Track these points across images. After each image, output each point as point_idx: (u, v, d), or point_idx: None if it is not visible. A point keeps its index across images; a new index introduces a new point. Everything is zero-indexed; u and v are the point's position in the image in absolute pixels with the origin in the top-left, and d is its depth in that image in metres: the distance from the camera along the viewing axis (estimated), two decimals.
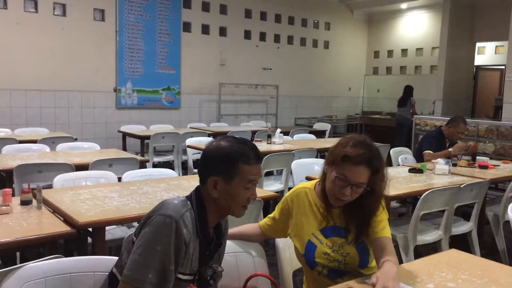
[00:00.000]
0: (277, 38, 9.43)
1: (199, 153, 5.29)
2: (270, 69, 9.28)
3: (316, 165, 3.94)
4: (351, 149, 1.62)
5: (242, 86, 8.74)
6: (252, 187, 1.47)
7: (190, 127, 6.98)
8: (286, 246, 1.93)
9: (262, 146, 5.25)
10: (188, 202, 1.45)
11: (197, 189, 1.49)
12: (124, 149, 6.07)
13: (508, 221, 2.93)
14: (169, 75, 7.94)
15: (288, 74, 9.56)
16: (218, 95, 8.45)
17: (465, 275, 1.65)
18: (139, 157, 4.00)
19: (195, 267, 1.45)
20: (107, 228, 2.31)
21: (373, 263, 1.76)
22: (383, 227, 1.70)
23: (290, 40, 9.65)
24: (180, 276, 1.40)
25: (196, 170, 5.06)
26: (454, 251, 1.99)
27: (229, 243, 1.82)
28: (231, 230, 1.90)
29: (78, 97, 7.11)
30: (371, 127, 9.89)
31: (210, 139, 5.81)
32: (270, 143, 5.35)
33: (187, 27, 8.14)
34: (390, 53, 10.69)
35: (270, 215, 1.91)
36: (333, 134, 9.31)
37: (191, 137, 5.61)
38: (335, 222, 1.74)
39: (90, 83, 7.16)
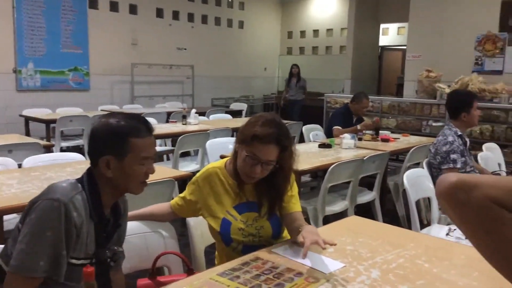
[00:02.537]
0: (190, 17, 9.26)
1: None
2: (185, 49, 9.13)
3: (231, 144, 3.91)
4: (261, 129, 1.65)
5: (156, 67, 8.51)
6: (147, 161, 1.43)
7: (101, 110, 6.67)
8: (197, 223, 1.94)
9: (177, 127, 5.19)
10: (79, 185, 1.38)
11: (89, 170, 1.43)
12: (28, 134, 5.66)
13: None
14: (76, 55, 7.49)
15: (203, 54, 9.46)
16: (131, 76, 8.15)
17: (362, 238, 1.78)
18: (42, 142, 3.76)
19: (92, 250, 1.40)
20: (6, 217, 2.16)
21: (285, 233, 1.85)
22: (294, 202, 1.79)
23: (204, 19, 9.53)
24: (74, 261, 1.35)
25: None
26: (354, 218, 2.13)
27: (137, 224, 1.80)
28: (139, 211, 1.87)
29: None
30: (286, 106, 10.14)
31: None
32: (185, 124, 5.30)
33: (93, 3, 7.71)
34: (302, 33, 10.98)
35: (181, 195, 1.90)
36: (250, 113, 9.42)
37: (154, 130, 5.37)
38: (247, 198, 1.79)
39: None
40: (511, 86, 5.60)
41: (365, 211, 3.90)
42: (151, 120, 5.55)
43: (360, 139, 4.46)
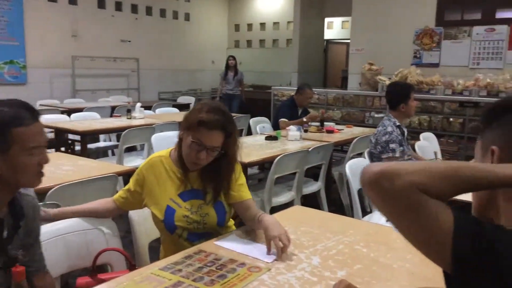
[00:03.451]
0: (134, 9, 9.01)
1: (51, 131, 4.89)
2: (129, 41, 8.88)
3: (177, 138, 3.92)
4: (206, 115, 1.67)
5: (99, 59, 8.23)
6: (37, 150, 1.31)
7: (40, 104, 6.37)
8: (140, 219, 1.91)
9: (121, 122, 5.06)
10: None
11: None
12: None
13: None
14: (11, 47, 7.08)
15: (149, 47, 9.25)
16: (72, 69, 7.83)
17: (304, 227, 1.82)
18: None
19: None
20: None
21: (230, 222, 1.90)
22: (243, 190, 1.84)
23: (148, 11, 9.31)
24: None
25: (47, 151, 4.69)
26: (297, 208, 2.18)
27: (76, 221, 1.74)
28: (79, 207, 1.81)
29: None
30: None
31: (64, 116, 5.39)
32: (130, 118, 5.17)
33: None
34: (250, 26, 10.99)
35: (124, 188, 1.86)
36: None
37: (41, 114, 5.13)
38: (192, 186, 1.79)
39: None
40: (446, 78, 5.89)
41: (311, 201, 4.00)
42: (94, 114, 5.41)
43: (306, 131, 4.55)
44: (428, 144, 4.15)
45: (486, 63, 6.46)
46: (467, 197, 0.82)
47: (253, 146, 3.75)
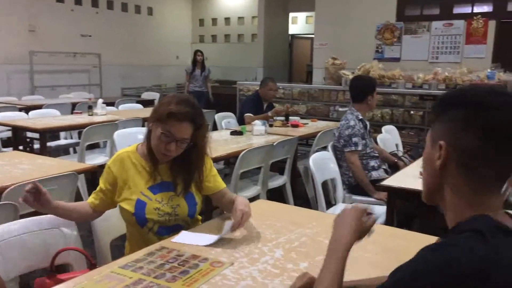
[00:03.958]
0: (95, 3, 8.78)
1: (8, 129, 4.73)
2: (90, 36, 8.64)
3: (140, 134, 3.84)
4: (176, 107, 1.69)
5: (59, 55, 7.98)
6: None
7: None
8: (101, 216, 1.87)
9: (82, 118, 4.93)
10: None
11: None
12: None
13: None
14: None
15: (111, 42, 9.03)
16: (30, 65, 7.56)
17: (268, 221, 1.83)
18: None
19: None
20: None
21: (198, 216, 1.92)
22: (218, 180, 1.91)
23: (110, 5, 9.09)
24: None
25: (5, 149, 4.52)
26: (261, 202, 2.19)
27: (34, 220, 1.69)
28: (69, 205, 1.78)
29: None
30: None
31: (22, 114, 5.20)
32: (92, 115, 5.05)
33: None
34: (214, 21, 10.91)
35: (95, 190, 1.83)
36: None
37: None
38: (162, 178, 1.80)
39: None
40: (407, 72, 6.03)
41: (277, 195, 4.02)
42: (53, 111, 5.25)
43: (271, 126, 4.57)
44: (389, 137, 4.24)
45: (445, 57, 6.66)
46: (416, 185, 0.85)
47: (219, 142, 3.74)
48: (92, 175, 4.83)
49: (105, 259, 1.86)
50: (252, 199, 3.46)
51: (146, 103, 7.17)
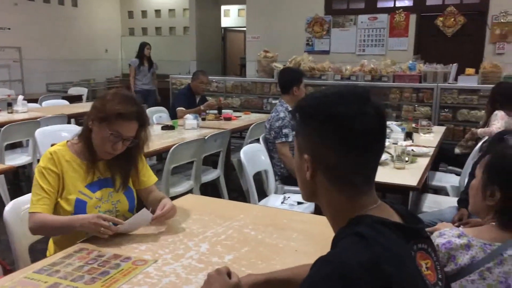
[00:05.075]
0: None
1: None
2: (9, 28, 8.08)
3: (64, 132, 3.67)
4: (123, 106, 1.67)
5: None
6: None
7: None
8: (17, 219, 1.76)
9: (1, 116, 4.61)
10: None
11: None
12: None
13: None
14: None
15: (33, 35, 8.50)
16: None
17: (196, 215, 1.81)
18: None
19: None
20: None
21: None
22: (151, 175, 1.95)
23: None
24: None
25: None
26: (190, 196, 2.17)
27: None
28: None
29: None
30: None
31: None
32: (12, 112, 4.74)
33: None
34: (144, 13, 10.60)
35: (40, 197, 1.66)
36: (93, 98, 8.83)
37: None
38: (100, 175, 1.78)
39: None
40: (336, 64, 6.22)
41: (212, 189, 4.01)
42: None
43: (203, 119, 4.53)
44: None
45: (371, 50, 6.94)
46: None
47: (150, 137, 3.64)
48: (14, 176, 4.55)
49: (25, 264, 1.75)
50: (185, 194, 3.43)
51: (73, 99, 6.85)
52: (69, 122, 4.69)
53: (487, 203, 1.34)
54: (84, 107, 5.70)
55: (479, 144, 3.39)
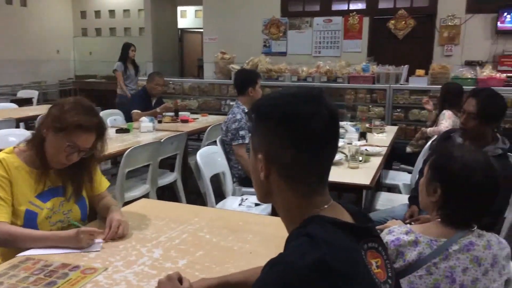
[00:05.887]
0: None
1: None
2: None
3: (12, 136, 3.51)
4: (83, 118, 1.60)
5: None
6: None
7: None
8: None
9: None
10: None
11: None
12: None
13: None
14: None
15: None
16: None
17: (149, 220, 1.78)
18: None
19: None
20: None
21: None
22: (104, 181, 1.91)
23: None
24: None
25: None
26: (144, 201, 2.12)
27: None
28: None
29: None
30: (86, 92, 9.47)
31: None
32: None
33: None
34: (97, 13, 10.32)
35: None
36: (44, 101, 8.52)
37: None
38: (51, 184, 1.71)
39: None
40: (292, 66, 6.28)
41: (170, 192, 3.95)
42: None
43: (160, 122, 4.46)
44: None
45: (326, 51, 7.07)
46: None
47: None
48: None
49: None
50: (141, 198, 3.36)
51: (23, 102, 6.58)
52: (17, 126, 4.50)
53: (431, 200, 1.39)
54: (35, 110, 5.48)
55: (429, 142, 3.52)
